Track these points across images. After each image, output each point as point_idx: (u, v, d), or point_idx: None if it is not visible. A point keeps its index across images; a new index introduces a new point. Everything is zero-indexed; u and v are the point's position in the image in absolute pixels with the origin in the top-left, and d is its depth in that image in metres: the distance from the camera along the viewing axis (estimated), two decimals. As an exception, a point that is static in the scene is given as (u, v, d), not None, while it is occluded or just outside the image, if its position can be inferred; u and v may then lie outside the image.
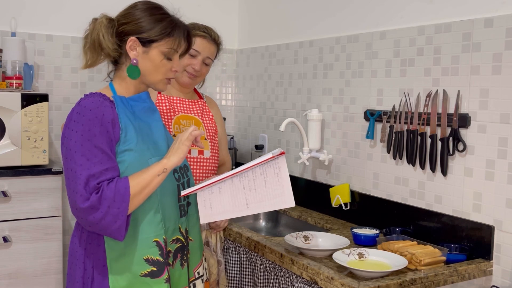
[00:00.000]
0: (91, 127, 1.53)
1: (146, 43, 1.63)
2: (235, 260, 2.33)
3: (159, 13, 1.66)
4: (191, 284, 1.78)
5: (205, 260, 2.04)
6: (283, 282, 2.03)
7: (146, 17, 1.64)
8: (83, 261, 1.62)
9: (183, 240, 1.73)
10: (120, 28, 1.65)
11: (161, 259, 1.62)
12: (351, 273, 1.82)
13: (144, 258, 1.60)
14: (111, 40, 1.63)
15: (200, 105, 2.34)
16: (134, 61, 1.64)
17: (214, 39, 2.28)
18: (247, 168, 1.63)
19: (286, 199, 1.65)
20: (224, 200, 1.66)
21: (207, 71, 2.31)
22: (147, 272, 1.60)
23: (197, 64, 2.23)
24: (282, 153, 1.64)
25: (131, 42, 1.63)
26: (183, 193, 1.63)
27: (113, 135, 1.56)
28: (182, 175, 1.75)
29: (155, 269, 1.60)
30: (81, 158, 1.51)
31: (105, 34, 1.62)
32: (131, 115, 1.65)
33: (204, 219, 1.67)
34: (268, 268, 2.13)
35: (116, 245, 1.59)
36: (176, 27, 1.66)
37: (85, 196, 1.49)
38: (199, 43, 2.22)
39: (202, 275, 1.85)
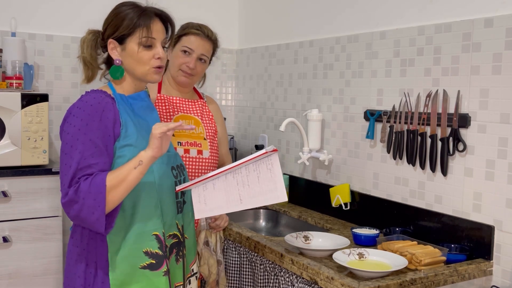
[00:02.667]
0: (89, 121, 1.57)
1: (121, 40, 1.68)
2: (235, 260, 2.33)
3: (125, 8, 1.69)
4: (187, 281, 1.81)
5: (205, 261, 2.05)
6: (283, 282, 2.03)
7: (114, 16, 1.69)
8: (85, 256, 1.64)
9: (180, 236, 1.76)
10: (105, 35, 1.71)
11: (160, 252, 1.65)
12: (351, 273, 1.82)
13: (144, 251, 1.63)
14: (93, 53, 1.71)
15: (200, 105, 2.34)
16: (117, 61, 1.69)
17: (208, 36, 2.26)
18: (240, 163, 1.66)
19: (278, 194, 1.68)
20: (218, 196, 1.69)
21: (203, 69, 2.30)
22: (146, 265, 1.62)
23: (191, 62, 2.23)
24: (274, 150, 1.67)
25: (111, 45, 1.69)
26: (178, 188, 1.66)
27: (112, 130, 1.59)
28: (179, 173, 1.79)
29: (154, 261, 1.63)
30: (75, 151, 1.55)
31: (88, 50, 1.71)
32: (131, 112, 1.69)
33: (198, 214, 1.70)
34: (268, 268, 2.13)
35: (117, 238, 1.62)
36: (142, 15, 1.67)
37: (66, 192, 1.54)
38: (192, 41, 2.22)
39: (196, 272, 1.89)
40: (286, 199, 1.68)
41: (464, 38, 2.06)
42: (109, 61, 1.75)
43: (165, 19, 1.74)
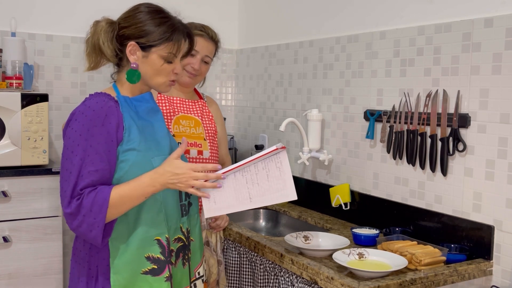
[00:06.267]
0: (90, 127, 1.55)
1: (145, 47, 1.64)
2: (235, 260, 2.33)
3: (158, 17, 1.65)
4: (192, 284, 1.79)
5: (205, 261, 2.04)
6: (283, 282, 2.03)
7: (145, 21, 1.64)
8: (88, 260, 1.63)
9: (185, 239, 1.74)
10: (121, 32, 1.65)
11: (162, 257, 1.63)
12: (351, 273, 1.82)
13: (145, 256, 1.61)
14: (110, 46, 1.64)
15: (200, 105, 2.34)
16: (134, 65, 1.65)
17: (212, 37, 2.28)
18: (251, 161, 1.66)
19: (288, 193, 1.68)
20: (227, 195, 1.68)
21: (207, 70, 2.32)
22: (148, 270, 1.61)
23: (196, 63, 2.24)
24: (283, 148, 1.67)
25: (131, 47, 1.63)
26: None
27: (115, 135, 1.57)
28: None
29: (155, 267, 1.62)
30: (75, 157, 1.54)
31: (104, 39, 1.64)
32: (135, 115, 1.66)
33: (208, 213, 1.69)
34: (268, 268, 2.13)
35: (119, 243, 1.61)
36: (176, 31, 1.65)
37: (69, 201, 1.53)
38: (196, 42, 2.23)
39: (202, 276, 1.86)
40: (295, 197, 1.68)
41: (464, 38, 2.06)
42: (117, 57, 1.69)
43: (191, 39, 1.72)
